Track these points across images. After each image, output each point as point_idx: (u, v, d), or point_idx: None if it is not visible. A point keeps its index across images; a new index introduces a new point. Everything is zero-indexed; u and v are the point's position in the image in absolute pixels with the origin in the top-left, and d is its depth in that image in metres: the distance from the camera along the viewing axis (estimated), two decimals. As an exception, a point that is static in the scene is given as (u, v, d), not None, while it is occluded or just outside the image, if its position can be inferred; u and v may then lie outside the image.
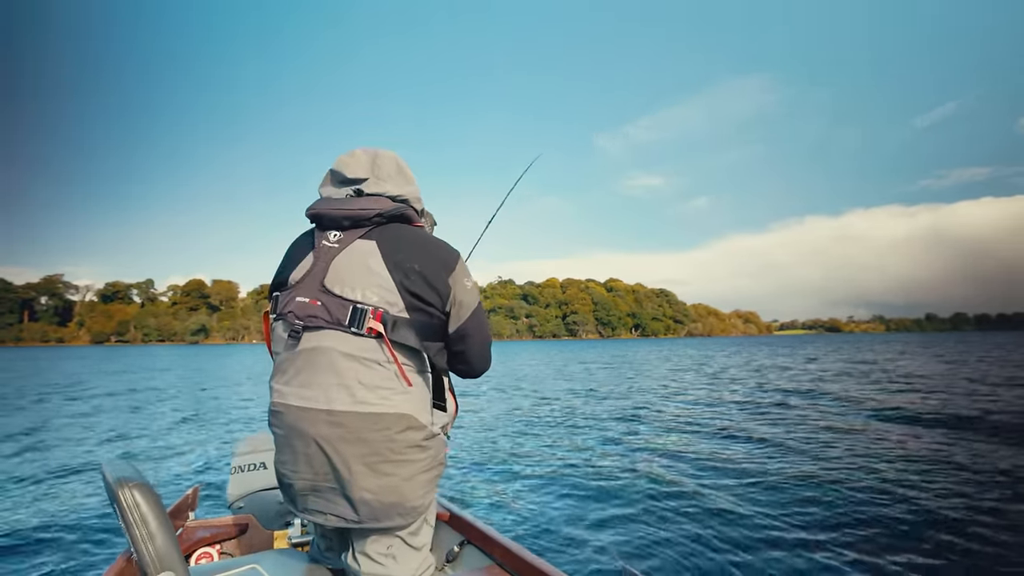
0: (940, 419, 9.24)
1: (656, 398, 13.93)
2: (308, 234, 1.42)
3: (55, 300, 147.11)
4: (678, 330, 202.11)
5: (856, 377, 17.85)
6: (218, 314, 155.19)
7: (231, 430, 9.33)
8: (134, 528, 1.11)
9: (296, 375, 1.28)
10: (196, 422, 10.27)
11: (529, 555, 1.94)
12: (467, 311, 1.39)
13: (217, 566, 1.49)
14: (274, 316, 1.37)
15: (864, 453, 6.80)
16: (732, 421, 9.80)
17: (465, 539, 2.30)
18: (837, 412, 10.40)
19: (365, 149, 1.43)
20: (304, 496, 1.30)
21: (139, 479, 1.15)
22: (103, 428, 9.55)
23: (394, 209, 1.35)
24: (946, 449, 6.99)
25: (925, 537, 4.10)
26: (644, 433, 8.93)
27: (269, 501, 2.34)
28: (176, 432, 9.11)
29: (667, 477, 5.98)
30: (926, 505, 4.76)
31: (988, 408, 10.32)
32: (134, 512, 1.11)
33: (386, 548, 1.34)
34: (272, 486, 2.33)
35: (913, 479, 5.56)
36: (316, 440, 1.24)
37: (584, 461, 6.89)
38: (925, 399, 11.98)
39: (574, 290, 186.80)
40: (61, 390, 17.44)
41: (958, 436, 7.84)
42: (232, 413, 11.71)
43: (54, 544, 4.05)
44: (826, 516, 4.59)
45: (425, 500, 1.33)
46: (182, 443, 8.09)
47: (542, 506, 5.08)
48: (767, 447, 7.41)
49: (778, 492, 5.29)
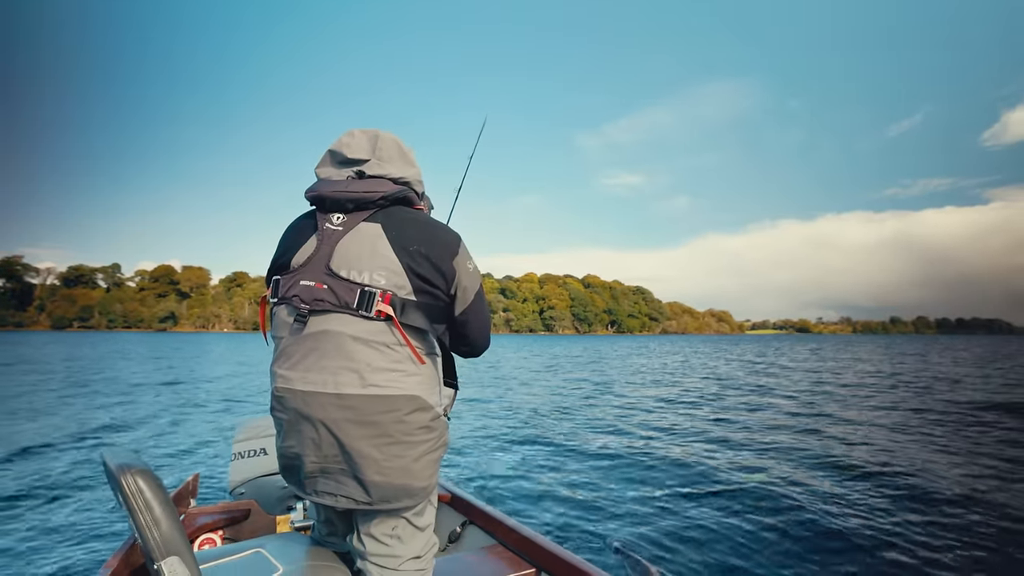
0: (885, 419, 9.63)
1: (640, 387, 14.20)
2: (308, 216, 1.39)
3: (13, 283, 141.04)
4: (653, 327, 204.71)
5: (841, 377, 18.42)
6: (188, 301, 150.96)
7: (224, 417, 9.16)
8: (138, 514, 1.10)
9: (302, 359, 1.27)
10: (187, 409, 10.03)
11: (531, 532, 1.99)
12: (471, 294, 1.39)
13: (221, 551, 1.50)
14: (275, 300, 1.34)
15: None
16: (721, 410, 10.08)
17: (467, 519, 2.35)
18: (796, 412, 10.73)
19: (364, 130, 1.40)
20: (313, 479, 1.30)
21: (141, 465, 1.16)
22: (91, 416, 9.23)
23: (397, 192, 1.33)
24: (888, 445, 7.30)
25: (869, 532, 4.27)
26: (637, 417, 9.09)
27: (270, 486, 2.34)
28: (170, 420, 8.91)
29: (664, 456, 6.15)
30: (865, 502, 4.96)
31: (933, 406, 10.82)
32: (138, 498, 1.10)
33: (391, 529, 1.34)
34: (273, 471, 2.33)
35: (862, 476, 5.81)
36: (325, 423, 1.23)
37: (579, 444, 7.01)
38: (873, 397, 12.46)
39: (552, 286, 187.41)
40: (44, 375, 16.84)
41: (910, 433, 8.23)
42: (219, 402, 11.48)
43: (57, 532, 3.97)
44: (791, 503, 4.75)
45: (431, 481, 1.34)
46: (177, 431, 7.92)
47: (540, 485, 5.16)
48: (758, 436, 7.63)
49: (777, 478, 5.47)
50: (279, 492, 2.33)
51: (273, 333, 1.37)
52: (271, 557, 1.45)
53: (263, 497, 2.35)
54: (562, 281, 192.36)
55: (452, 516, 2.41)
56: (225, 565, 1.43)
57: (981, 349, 48.07)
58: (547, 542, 1.92)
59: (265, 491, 2.34)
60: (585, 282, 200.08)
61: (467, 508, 2.36)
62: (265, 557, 1.45)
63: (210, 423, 8.48)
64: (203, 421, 8.65)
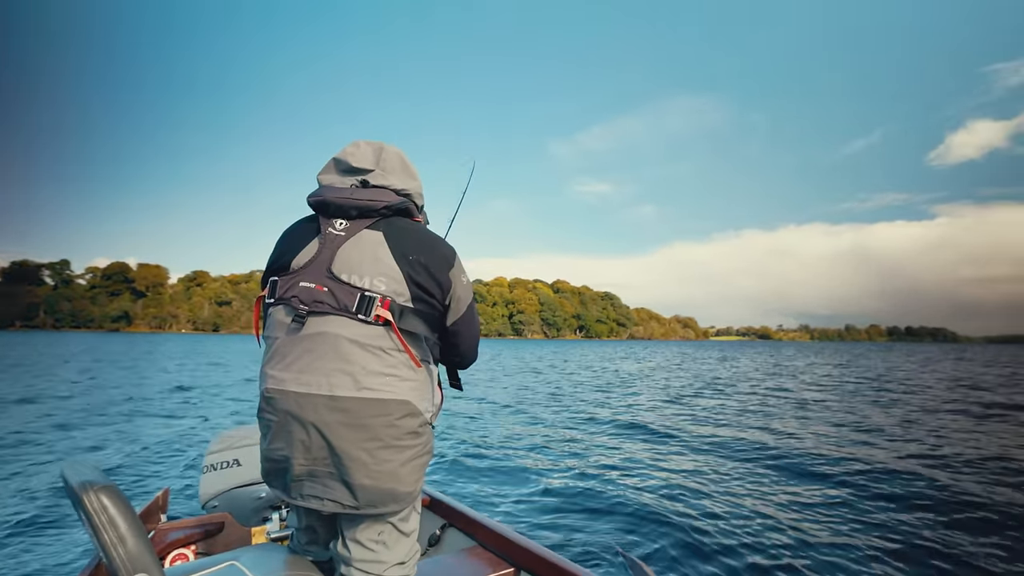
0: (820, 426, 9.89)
1: (611, 390, 14.30)
2: (309, 220, 1.41)
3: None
4: (621, 332, 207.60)
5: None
6: (143, 300, 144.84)
7: (195, 427, 8.53)
8: (102, 532, 1.06)
9: (296, 360, 1.27)
10: (156, 419, 9.28)
11: (511, 533, 2.01)
12: (464, 305, 1.43)
13: (194, 565, 1.44)
14: (272, 301, 1.34)
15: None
16: (693, 415, 10.15)
17: (446, 522, 2.35)
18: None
19: (369, 142, 1.44)
20: (299, 482, 1.28)
21: (103, 481, 1.11)
22: (50, 425, 8.42)
23: (399, 203, 1.37)
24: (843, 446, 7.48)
25: None
26: (610, 420, 9.07)
27: (244, 498, 2.25)
28: (136, 431, 8.17)
29: (642, 459, 6.19)
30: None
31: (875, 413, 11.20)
32: (101, 516, 1.06)
33: (377, 535, 1.34)
34: (247, 483, 2.24)
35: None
36: (316, 425, 1.23)
37: (556, 445, 7.00)
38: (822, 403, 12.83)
39: (521, 290, 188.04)
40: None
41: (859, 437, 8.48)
42: (185, 411, 10.86)
43: (14, 557, 3.57)
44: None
45: (417, 487, 1.34)
46: (145, 443, 7.23)
47: (519, 490, 5.11)
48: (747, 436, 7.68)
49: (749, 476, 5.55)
50: (254, 503, 2.25)
51: (267, 334, 1.37)
52: (246, 569, 1.41)
53: (237, 509, 2.27)
54: (532, 286, 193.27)
55: (432, 519, 2.42)
56: None
57: (923, 355, 50.43)
58: (526, 542, 1.92)
59: (239, 503, 2.25)
60: (554, 287, 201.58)
61: (446, 511, 2.37)
62: (240, 570, 1.41)
63: (181, 434, 7.95)
64: (174, 433, 8.10)
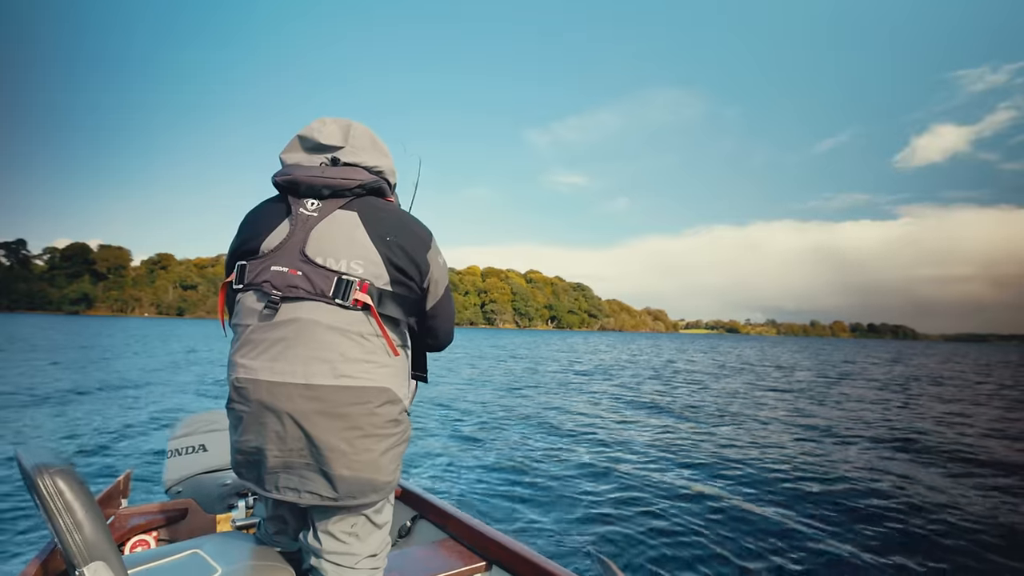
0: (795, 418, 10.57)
1: (588, 380, 14.60)
2: (276, 200, 1.32)
3: None
4: (592, 324, 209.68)
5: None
6: (104, 283, 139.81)
7: (161, 411, 8.70)
8: (57, 518, 1.03)
9: (269, 348, 1.20)
10: (116, 401, 9.45)
11: (483, 526, 1.99)
12: (441, 288, 1.38)
13: (154, 552, 1.40)
14: (241, 286, 1.26)
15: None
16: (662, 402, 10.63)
17: (417, 514, 2.34)
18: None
19: (335, 119, 1.35)
20: (274, 474, 1.23)
21: (60, 464, 1.07)
22: (8, 410, 8.43)
23: (373, 181, 1.31)
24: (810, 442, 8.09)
25: None
26: (584, 411, 9.34)
27: (209, 484, 2.23)
28: (97, 414, 8.29)
29: (610, 453, 6.43)
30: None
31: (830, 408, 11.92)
32: (56, 500, 1.03)
33: (351, 527, 1.30)
34: (212, 469, 2.24)
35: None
36: (291, 415, 1.17)
37: (532, 438, 7.19)
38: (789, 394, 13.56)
39: (494, 279, 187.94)
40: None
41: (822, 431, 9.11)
42: (150, 394, 10.96)
43: None
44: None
45: (395, 476, 1.30)
46: (107, 426, 7.41)
47: (490, 481, 5.27)
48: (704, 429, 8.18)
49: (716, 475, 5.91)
50: (219, 490, 2.22)
51: (236, 321, 1.29)
52: (208, 558, 1.37)
53: (202, 496, 2.24)
54: (504, 275, 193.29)
55: (403, 510, 2.39)
56: (158, 568, 1.33)
57: (888, 354, 52.40)
58: (498, 535, 1.91)
59: (204, 489, 2.23)
60: (527, 277, 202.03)
61: (418, 502, 2.34)
62: (202, 558, 1.37)
63: (144, 418, 8.12)
64: (137, 416, 8.26)
